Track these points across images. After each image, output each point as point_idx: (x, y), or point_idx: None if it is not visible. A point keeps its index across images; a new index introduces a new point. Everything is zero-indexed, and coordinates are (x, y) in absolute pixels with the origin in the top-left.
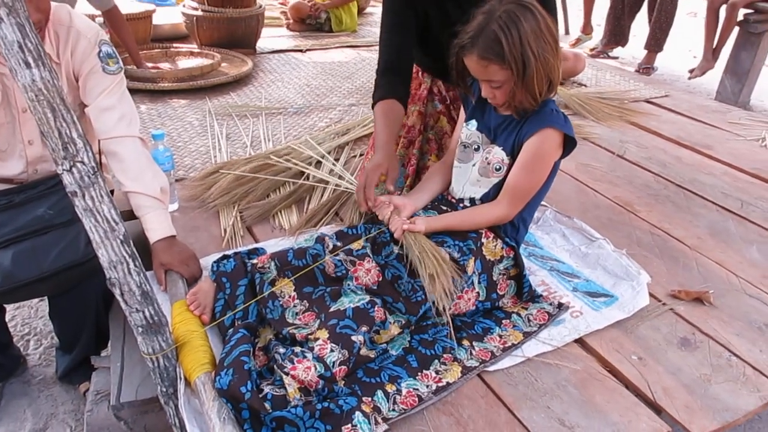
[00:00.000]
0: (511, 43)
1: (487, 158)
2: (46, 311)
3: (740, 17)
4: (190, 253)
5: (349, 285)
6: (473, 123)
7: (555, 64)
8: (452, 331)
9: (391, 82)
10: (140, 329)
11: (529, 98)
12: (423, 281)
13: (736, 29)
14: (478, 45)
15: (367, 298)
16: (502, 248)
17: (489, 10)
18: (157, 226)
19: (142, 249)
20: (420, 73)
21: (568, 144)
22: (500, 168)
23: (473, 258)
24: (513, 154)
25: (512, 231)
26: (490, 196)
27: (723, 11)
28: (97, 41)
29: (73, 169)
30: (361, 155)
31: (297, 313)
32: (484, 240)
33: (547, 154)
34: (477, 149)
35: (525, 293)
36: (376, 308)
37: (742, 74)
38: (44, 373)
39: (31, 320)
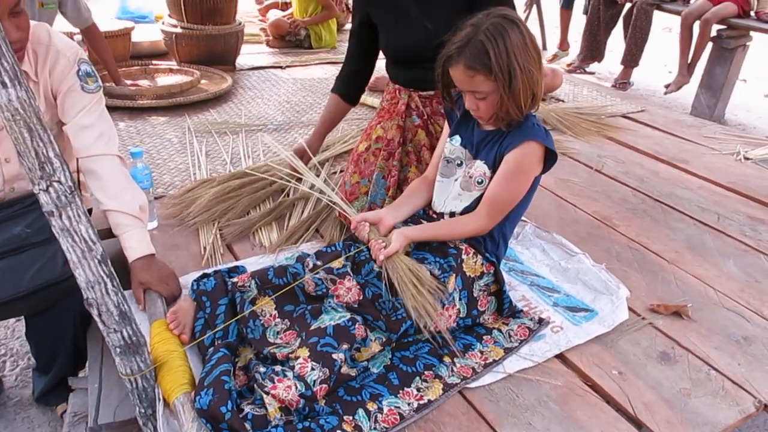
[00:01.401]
0: (498, 53)
1: (469, 172)
2: (22, 331)
3: (714, 33)
4: (170, 272)
5: (330, 303)
6: (457, 139)
7: (538, 78)
8: (450, 340)
9: (345, 82)
10: (118, 350)
11: (515, 109)
12: (405, 306)
13: (710, 45)
14: (465, 55)
15: (348, 315)
16: (482, 264)
17: (476, 22)
18: (135, 245)
19: (121, 268)
20: (398, 90)
21: (549, 159)
22: (482, 181)
23: (454, 275)
24: (495, 167)
25: (492, 246)
26: (471, 209)
27: (696, 27)
28: (76, 60)
29: (50, 189)
30: (341, 171)
31: (278, 332)
32: (464, 256)
33: (528, 166)
34: (460, 164)
35: (505, 309)
36: (356, 326)
37: (716, 89)
38: (21, 394)
39: (7, 341)
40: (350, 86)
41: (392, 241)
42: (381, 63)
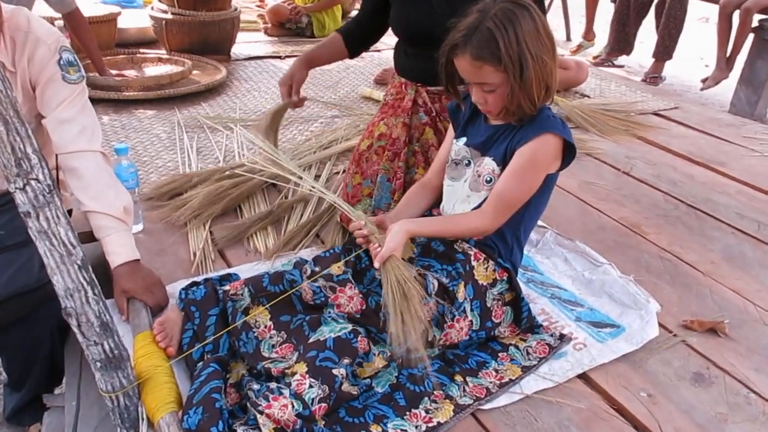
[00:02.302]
0: (507, 42)
1: (477, 171)
2: None
3: (755, 23)
4: (156, 279)
5: (329, 313)
6: (462, 140)
7: (552, 68)
8: (425, 357)
9: (352, 28)
10: (98, 364)
11: (527, 102)
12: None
13: (751, 36)
14: (472, 44)
15: (350, 327)
16: (494, 270)
17: (483, 8)
18: (119, 250)
19: (103, 274)
20: (404, 85)
21: (568, 154)
22: (491, 179)
23: (463, 283)
24: (505, 163)
25: (505, 251)
26: None
27: (736, 16)
28: (57, 48)
29: (27, 188)
30: (344, 171)
31: (273, 346)
32: (474, 262)
33: (543, 161)
34: (468, 164)
35: (524, 320)
36: (359, 338)
37: (758, 84)
38: None
39: None
40: (356, 31)
41: (389, 239)
42: (389, 53)
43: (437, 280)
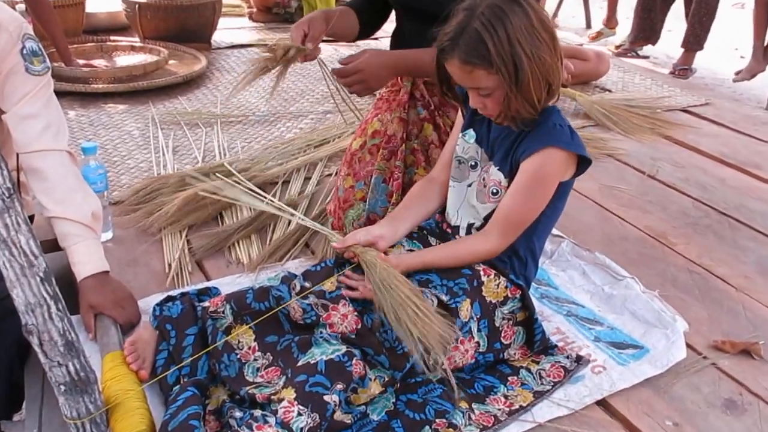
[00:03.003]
0: (497, 42)
1: (484, 179)
2: None
3: None
4: (127, 293)
5: (321, 333)
6: (471, 134)
7: (553, 64)
8: (454, 385)
9: (361, 2)
10: (62, 387)
11: (526, 106)
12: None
13: None
14: (459, 48)
15: (343, 348)
16: (506, 287)
17: (470, 6)
18: (86, 260)
19: (68, 287)
20: (399, 77)
21: (582, 161)
22: (497, 192)
23: (468, 300)
24: (511, 176)
25: (519, 266)
26: None
27: None
28: (20, 35)
29: None
30: (336, 174)
31: (258, 369)
32: (484, 278)
33: (548, 177)
34: (474, 166)
35: (537, 342)
36: (354, 361)
37: None
38: None
39: None
40: (366, 5)
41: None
42: (388, 42)
43: (436, 296)
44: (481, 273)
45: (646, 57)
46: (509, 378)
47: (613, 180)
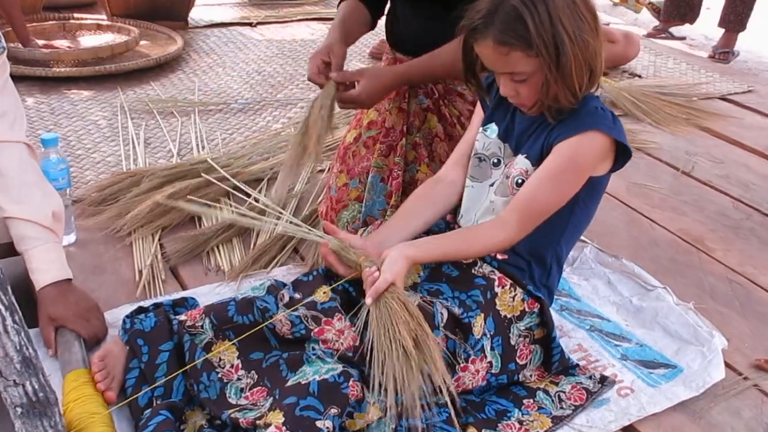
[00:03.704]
0: (537, 21)
1: (507, 172)
2: None
3: None
4: (91, 304)
5: (314, 350)
6: (493, 128)
7: (596, 47)
8: (459, 409)
9: None
10: (19, 410)
11: (567, 93)
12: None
13: None
14: (495, 26)
15: (339, 368)
16: (524, 300)
17: None
18: (46, 266)
19: (26, 297)
20: (399, 61)
21: (619, 156)
22: (522, 182)
23: (482, 314)
24: (540, 162)
25: (541, 275)
26: None
27: None
28: None
29: None
30: (328, 170)
31: (242, 390)
32: (497, 289)
33: (584, 162)
34: (497, 164)
35: (555, 363)
36: (350, 383)
37: None
38: None
39: None
40: None
41: (386, 269)
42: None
43: (447, 309)
44: (495, 283)
45: (681, 38)
46: (524, 401)
47: (643, 177)
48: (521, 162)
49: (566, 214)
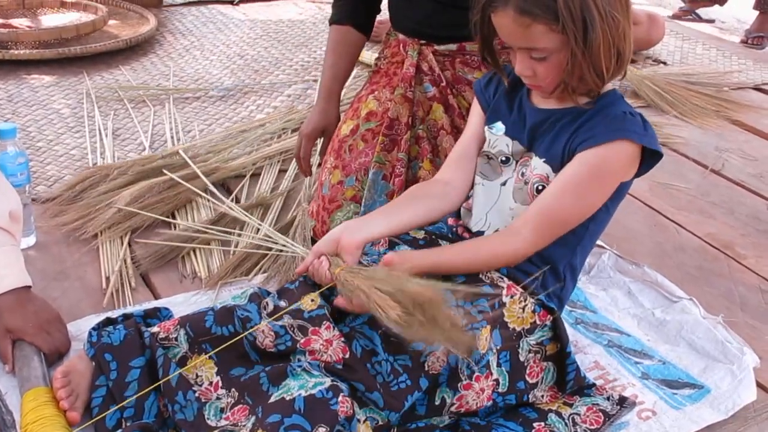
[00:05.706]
0: None
1: (524, 174)
2: None
3: None
4: (53, 315)
5: (299, 362)
6: (499, 126)
7: (626, 28)
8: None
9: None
10: None
11: (593, 74)
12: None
13: None
14: None
15: (327, 382)
16: (535, 312)
17: None
18: (2, 272)
19: None
20: (402, 44)
21: (647, 159)
22: (544, 188)
23: (488, 327)
24: (561, 169)
25: (554, 284)
26: None
27: None
28: None
29: None
30: (319, 166)
31: (222, 409)
32: (506, 299)
33: (612, 175)
34: (506, 161)
35: (569, 382)
36: (340, 398)
37: None
38: None
39: None
40: (358, 4)
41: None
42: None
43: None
44: (504, 292)
45: (710, 21)
46: (535, 424)
47: (668, 176)
48: (540, 167)
49: (585, 219)
